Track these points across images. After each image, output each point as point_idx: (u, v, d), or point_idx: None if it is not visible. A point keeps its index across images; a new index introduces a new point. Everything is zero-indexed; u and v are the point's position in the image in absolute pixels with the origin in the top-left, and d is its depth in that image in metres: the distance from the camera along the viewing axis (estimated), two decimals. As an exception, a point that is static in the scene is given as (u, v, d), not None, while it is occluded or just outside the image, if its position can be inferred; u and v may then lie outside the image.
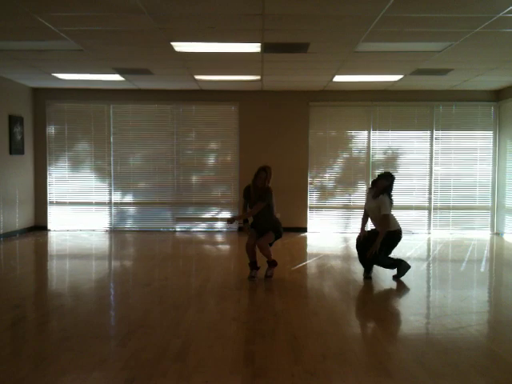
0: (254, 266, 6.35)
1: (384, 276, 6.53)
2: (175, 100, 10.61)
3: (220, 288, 5.92)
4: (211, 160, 10.86)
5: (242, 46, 6.87)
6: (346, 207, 10.76)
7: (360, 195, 10.65)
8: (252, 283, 6.10)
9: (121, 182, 10.80)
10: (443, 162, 10.62)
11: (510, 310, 5.37)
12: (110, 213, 10.82)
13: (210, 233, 10.58)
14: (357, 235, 6.50)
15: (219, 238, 10.19)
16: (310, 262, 7.36)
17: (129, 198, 10.86)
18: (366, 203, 6.34)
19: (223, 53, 7.17)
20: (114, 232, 10.62)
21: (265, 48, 6.87)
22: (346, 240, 9.75)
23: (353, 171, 10.70)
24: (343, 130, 10.74)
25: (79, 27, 6.00)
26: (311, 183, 10.66)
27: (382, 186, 6.10)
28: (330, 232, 10.56)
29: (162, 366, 3.55)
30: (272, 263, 6.39)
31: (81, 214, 10.81)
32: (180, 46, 6.84)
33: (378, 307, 5.42)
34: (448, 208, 10.67)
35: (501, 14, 5.31)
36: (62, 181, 10.78)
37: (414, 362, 3.72)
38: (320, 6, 5.20)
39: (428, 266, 7.48)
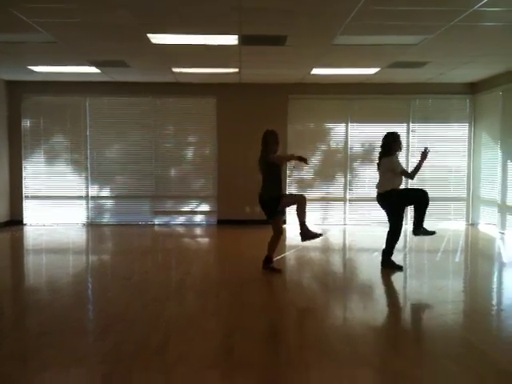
0: (269, 261, 6.33)
1: (361, 267, 6.61)
2: (152, 93, 10.51)
3: (200, 282, 5.93)
4: (189, 153, 10.81)
5: (220, 38, 6.84)
6: (324, 199, 10.82)
7: (338, 187, 10.73)
8: (233, 278, 6.12)
9: (98, 175, 10.69)
10: (419, 154, 10.69)
11: (484, 299, 5.48)
12: (87, 207, 10.71)
13: (189, 226, 10.56)
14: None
15: (198, 231, 10.17)
16: (289, 254, 7.41)
17: (106, 192, 10.76)
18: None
19: (200, 45, 7.13)
20: (92, 226, 10.52)
21: (242, 40, 6.86)
22: (324, 232, 9.80)
23: (331, 164, 10.76)
24: (321, 122, 10.79)
25: (53, 19, 5.91)
26: (290, 176, 10.68)
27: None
28: (308, 224, 10.57)
29: (141, 360, 3.54)
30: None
31: (57, 208, 10.67)
32: (156, 38, 6.78)
33: (355, 298, 5.48)
34: (424, 199, 10.78)
35: (475, 8, 5.39)
36: (37, 175, 10.63)
37: (390, 351, 3.79)
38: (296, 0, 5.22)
39: (404, 256, 7.59)
